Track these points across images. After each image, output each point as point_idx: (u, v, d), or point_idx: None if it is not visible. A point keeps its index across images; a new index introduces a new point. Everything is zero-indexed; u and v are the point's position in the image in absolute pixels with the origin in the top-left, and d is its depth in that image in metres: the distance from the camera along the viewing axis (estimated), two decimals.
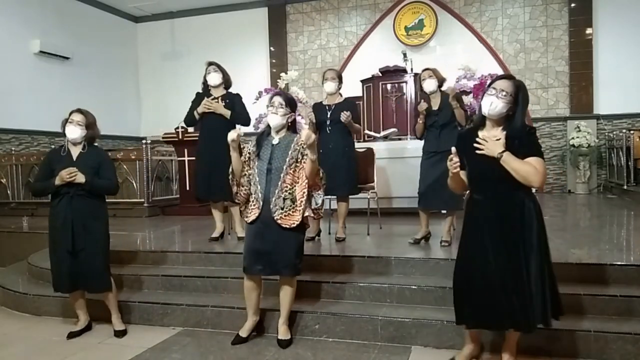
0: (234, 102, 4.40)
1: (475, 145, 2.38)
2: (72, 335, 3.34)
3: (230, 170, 3.07)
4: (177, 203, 7.14)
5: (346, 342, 3.08)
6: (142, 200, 6.83)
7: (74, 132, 3.26)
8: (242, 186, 3.06)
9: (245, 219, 3.05)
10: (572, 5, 8.92)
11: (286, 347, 3.01)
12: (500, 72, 8.61)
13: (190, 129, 7.08)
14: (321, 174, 3.02)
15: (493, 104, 2.39)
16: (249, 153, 3.04)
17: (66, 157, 3.28)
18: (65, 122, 3.30)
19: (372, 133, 6.46)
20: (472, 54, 9.03)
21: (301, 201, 2.95)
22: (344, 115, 4.10)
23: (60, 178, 3.16)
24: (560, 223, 5.32)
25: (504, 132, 2.42)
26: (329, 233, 4.71)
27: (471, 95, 7.41)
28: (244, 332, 3.13)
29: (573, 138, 8.61)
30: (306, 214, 2.99)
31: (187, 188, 6.80)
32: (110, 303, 3.41)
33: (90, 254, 3.25)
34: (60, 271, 3.26)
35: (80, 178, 3.18)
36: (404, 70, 7.07)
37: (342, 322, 3.13)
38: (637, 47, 8.62)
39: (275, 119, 3.01)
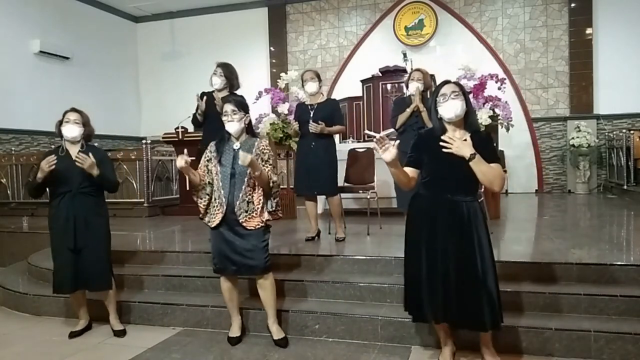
0: None
1: (442, 144, 2.38)
2: (73, 335, 3.35)
3: (191, 185, 3.10)
4: (177, 203, 7.14)
5: (346, 342, 3.08)
6: (142, 200, 6.83)
7: (73, 130, 3.27)
8: (201, 198, 3.07)
9: (209, 224, 3.05)
10: (572, 5, 8.92)
11: (285, 346, 3.02)
12: (500, 72, 8.59)
13: (191, 129, 7.09)
14: (272, 184, 3.03)
15: (455, 106, 2.45)
16: (208, 160, 3.05)
17: (65, 156, 3.27)
18: (60, 123, 3.30)
19: (372, 133, 6.42)
20: (472, 54, 9.02)
21: (259, 207, 2.99)
22: (313, 127, 4.12)
23: (41, 170, 3.11)
24: (560, 223, 5.32)
25: (468, 133, 2.48)
26: (329, 233, 4.71)
27: (471, 95, 7.40)
28: (235, 333, 3.15)
29: (573, 138, 8.61)
30: (266, 216, 3.02)
31: (187, 188, 6.79)
32: (110, 303, 3.41)
33: (93, 252, 3.26)
34: (64, 271, 3.25)
35: (90, 165, 3.12)
36: (404, 70, 7.07)
37: (342, 322, 3.14)
38: (637, 47, 8.62)
39: (233, 126, 3.02)
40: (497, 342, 2.70)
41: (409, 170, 2.55)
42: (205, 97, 4.43)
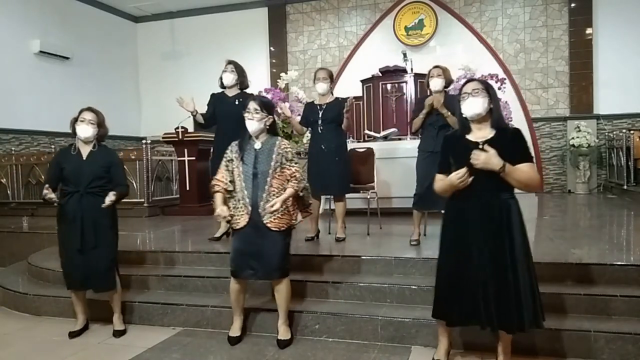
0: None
1: (471, 162, 2.36)
2: (73, 335, 3.35)
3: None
4: (177, 203, 7.13)
5: (346, 342, 3.08)
6: (142, 200, 6.82)
7: (86, 130, 3.28)
8: (231, 204, 3.07)
9: (234, 226, 3.03)
10: (572, 5, 8.92)
11: (285, 347, 3.01)
12: (500, 72, 8.61)
13: (191, 129, 7.10)
14: (301, 193, 3.04)
15: (474, 103, 2.44)
16: (229, 161, 3.05)
17: (76, 156, 3.30)
18: (75, 121, 3.31)
19: (372, 133, 6.45)
20: (472, 54, 9.02)
21: (293, 205, 3.01)
22: (350, 100, 4.15)
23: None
24: (560, 223, 5.32)
25: (493, 131, 2.45)
26: (329, 233, 4.71)
27: None
28: (236, 332, 3.14)
29: (573, 138, 8.61)
30: (299, 218, 3.03)
31: (187, 188, 6.80)
32: (114, 303, 3.42)
33: (99, 252, 3.26)
34: (72, 270, 3.27)
35: (110, 198, 3.15)
36: (404, 70, 7.06)
37: (342, 322, 3.14)
38: (637, 47, 8.62)
39: (253, 125, 3.01)
40: (489, 343, 2.69)
41: (443, 177, 2.51)
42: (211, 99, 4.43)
